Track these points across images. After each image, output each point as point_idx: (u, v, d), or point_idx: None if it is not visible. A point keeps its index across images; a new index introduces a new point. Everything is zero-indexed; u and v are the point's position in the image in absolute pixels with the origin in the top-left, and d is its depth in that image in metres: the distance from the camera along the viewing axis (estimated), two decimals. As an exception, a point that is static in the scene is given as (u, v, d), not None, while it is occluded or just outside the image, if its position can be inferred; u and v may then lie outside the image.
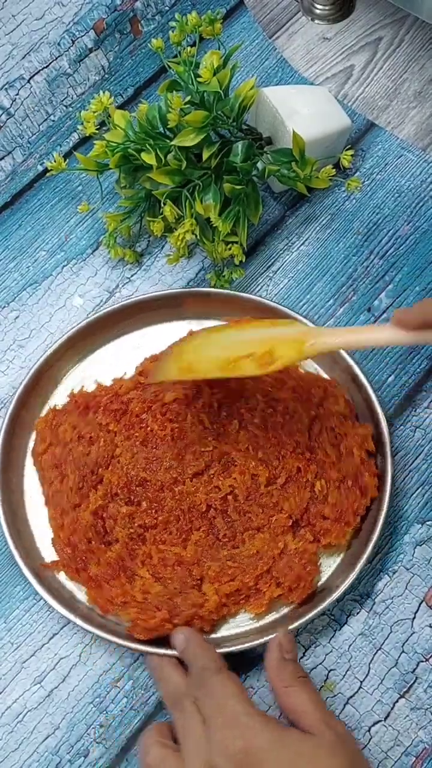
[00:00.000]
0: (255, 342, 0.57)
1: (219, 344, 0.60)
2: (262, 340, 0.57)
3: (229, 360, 0.57)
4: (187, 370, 0.59)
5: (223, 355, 0.58)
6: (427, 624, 0.62)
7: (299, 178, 0.70)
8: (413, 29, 0.85)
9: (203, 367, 0.59)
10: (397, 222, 0.76)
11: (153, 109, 0.69)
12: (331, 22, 0.86)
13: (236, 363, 0.57)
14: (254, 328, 0.60)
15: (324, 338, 0.56)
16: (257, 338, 0.58)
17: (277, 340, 0.57)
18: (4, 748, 0.60)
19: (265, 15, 0.87)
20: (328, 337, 0.56)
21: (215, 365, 0.58)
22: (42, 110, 0.79)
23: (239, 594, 0.61)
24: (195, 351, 0.61)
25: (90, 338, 0.70)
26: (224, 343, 0.60)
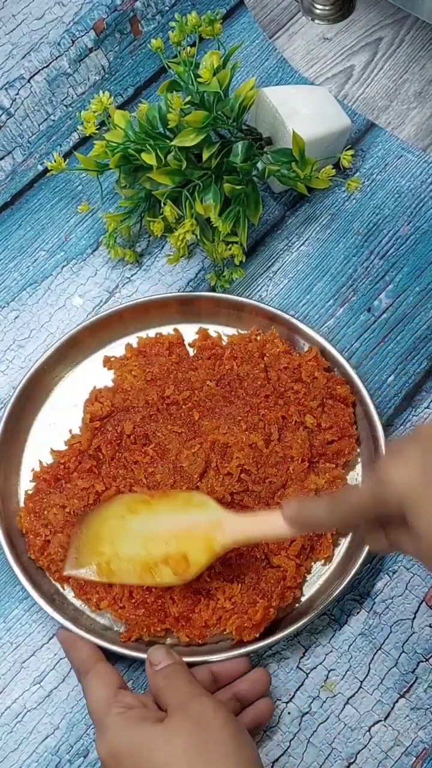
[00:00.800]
0: (168, 538, 0.59)
1: (136, 538, 0.60)
2: (174, 535, 0.59)
3: (147, 565, 0.59)
4: (107, 572, 0.60)
5: (141, 558, 0.59)
6: (427, 624, 0.62)
7: (299, 179, 0.70)
8: (413, 29, 0.85)
9: (123, 571, 0.59)
10: (397, 222, 0.76)
11: (153, 109, 0.69)
12: (331, 23, 0.86)
13: (154, 570, 0.58)
14: (166, 510, 0.60)
15: (230, 534, 0.58)
16: (169, 532, 0.59)
17: (188, 540, 0.58)
18: (4, 748, 0.60)
19: (265, 15, 0.87)
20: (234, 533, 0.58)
21: (134, 572, 0.59)
22: (42, 110, 0.79)
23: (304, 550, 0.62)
24: (112, 544, 0.60)
25: (87, 342, 0.70)
26: (140, 534, 0.60)
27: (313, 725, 0.60)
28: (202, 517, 0.59)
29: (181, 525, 0.59)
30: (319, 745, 0.59)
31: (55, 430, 0.67)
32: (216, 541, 0.58)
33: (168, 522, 0.60)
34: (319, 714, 0.60)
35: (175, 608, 0.60)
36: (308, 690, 0.61)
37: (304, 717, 0.60)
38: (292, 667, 0.61)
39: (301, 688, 0.61)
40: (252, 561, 0.62)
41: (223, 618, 0.60)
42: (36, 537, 0.62)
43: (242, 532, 0.58)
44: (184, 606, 0.60)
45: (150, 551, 0.59)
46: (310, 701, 0.60)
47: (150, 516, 0.61)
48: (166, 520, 0.60)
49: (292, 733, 0.59)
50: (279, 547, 0.62)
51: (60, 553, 0.61)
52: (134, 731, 0.50)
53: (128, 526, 0.61)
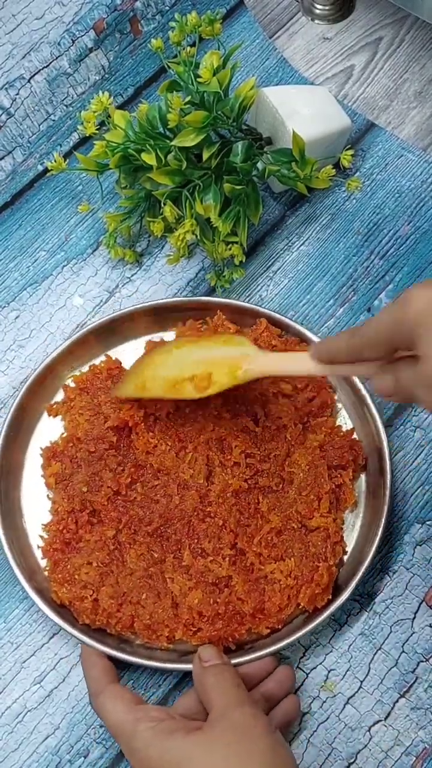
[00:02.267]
0: (200, 363, 0.62)
1: (173, 364, 0.64)
2: (206, 361, 0.62)
3: (174, 381, 0.62)
4: (141, 389, 0.64)
5: (171, 376, 0.63)
6: (427, 624, 0.62)
7: (299, 178, 0.70)
8: (414, 29, 0.85)
9: (153, 387, 0.63)
10: (398, 222, 0.76)
11: (153, 109, 0.69)
12: (331, 22, 0.86)
13: (179, 385, 0.62)
14: (206, 346, 0.64)
15: (257, 365, 0.60)
16: (203, 359, 0.63)
17: (217, 365, 0.62)
18: (4, 748, 0.60)
19: (265, 15, 0.87)
20: (261, 364, 0.60)
21: (162, 386, 0.63)
22: (42, 110, 0.79)
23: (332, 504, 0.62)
24: (152, 368, 0.64)
25: (93, 342, 0.70)
26: (178, 362, 0.63)
27: (313, 725, 0.60)
28: (236, 350, 0.62)
29: (216, 354, 0.62)
30: (319, 745, 0.59)
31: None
32: (240, 369, 0.60)
33: (206, 351, 0.63)
34: (319, 714, 0.60)
35: (247, 606, 0.60)
36: (308, 690, 0.61)
37: (304, 717, 0.60)
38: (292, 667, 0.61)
39: (301, 688, 0.61)
40: (292, 533, 0.62)
41: (292, 595, 0.60)
42: (82, 602, 0.60)
43: (269, 365, 0.61)
44: (253, 600, 0.60)
45: (181, 371, 0.62)
46: (310, 701, 0.60)
47: (191, 348, 0.64)
48: (203, 350, 0.63)
49: (292, 733, 0.59)
50: (311, 511, 0.62)
51: (113, 605, 0.60)
52: (169, 743, 0.50)
53: (170, 357, 0.64)
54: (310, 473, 0.63)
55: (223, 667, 0.55)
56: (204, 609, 0.59)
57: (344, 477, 0.64)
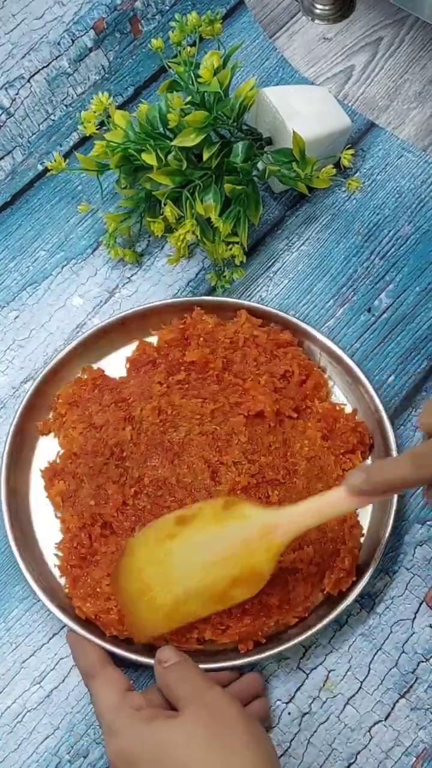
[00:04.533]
0: (227, 562, 0.56)
1: (188, 574, 0.56)
2: (232, 555, 0.56)
3: (215, 594, 0.56)
4: (177, 617, 0.57)
5: (208, 591, 0.56)
6: (427, 624, 0.62)
7: (300, 178, 0.70)
8: (414, 29, 0.85)
9: (194, 610, 0.57)
10: (398, 222, 0.76)
11: (153, 109, 0.69)
12: (331, 22, 0.86)
13: (226, 595, 0.56)
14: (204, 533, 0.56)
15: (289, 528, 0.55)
16: (224, 554, 0.56)
17: (247, 553, 0.55)
18: (4, 749, 0.60)
19: (265, 15, 0.87)
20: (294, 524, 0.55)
21: (206, 604, 0.56)
22: (42, 110, 0.79)
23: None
24: (166, 591, 0.56)
25: (100, 342, 0.69)
26: (192, 570, 0.56)
27: (314, 725, 0.60)
28: (248, 528, 0.56)
29: (232, 544, 0.56)
30: (319, 745, 0.59)
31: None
32: (276, 544, 0.55)
33: (214, 545, 0.56)
34: (319, 714, 0.60)
35: (273, 598, 0.59)
36: (308, 690, 0.61)
37: (304, 717, 0.60)
38: (292, 668, 0.61)
39: (301, 689, 0.61)
40: None
41: (316, 582, 0.60)
42: (108, 614, 0.59)
43: (300, 523, 0.55)
44: (279, 592, 0.59)
45: (212, 581, 0.56)
46: (310, 701, 0.60)
47: (188, 547, 0.57)
48: (209, 544, 0.56)
49: (292, 733, 0.59)
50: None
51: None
52: (146, 731, 0.50)
53: (172, 565, 0.57)
54: (314, 464, 0.63)
55: (183, 663, 0.55)
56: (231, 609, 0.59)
57: (354, 460, 0.64)
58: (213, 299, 0.71)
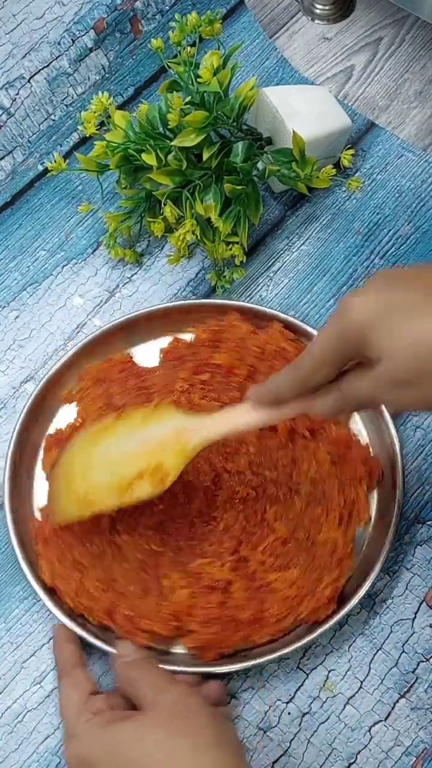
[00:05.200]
0: (140, 455, 0.58)
1: (105, 463, 0.59)
2: (143, 451, 0.58)
3: (122, 485, 0.57)
4: (85, 505, 0.59)
5: (116, 480, 0.58)
6: (427, 624, 0.62)
7: (300, 178, 0.70)
8: (414, 29, 0.85)
9: (101, 498, 0.58)
10: (398, 222, 0.76)
11: (153, 109, 0.69)
12: (331, 22, 0.86)
13: (132, 487, 0.57)
14: (130, 429, 0.59)
15: (201, 435, 0.57)
16: (137, 450, 0.58)
17: (158, 451, 0.57)
18: (4, 749, 0.60)
19: (265, 15, 0.87)
20: (205, 432, 0.57)
21: (112, 494, 0.58)
22: (42, 110, 0.79)
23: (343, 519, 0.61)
24: (84, 477, 0.59)
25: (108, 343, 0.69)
26: (109, 460, 0.59)
27: (314, 725, 0.60)
28: (166, 427, 0.58)
29: (149, 441, 0.58)
30: (319, 745, 0.59)
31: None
32: (187, 445, 0.57)
33: (134, 441, 0.58)
34: (319, 714, 0.60)
35: (245, 614, 0.59)
36: (308, 690, 0.61)
37: (304, 717, 0.60)
38: (292, 668, 0.61)
39: (301, 688, 0.61)
40: (298, 544, 0.61)
41: (294, 606, 0.59)
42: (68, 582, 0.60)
43: (211, 429, 0.57)
44: (252, 608, 0.59)
45: (123, 472, 0.58)
46: (310, 701, 0.60)
47: (114, 440, 0.59)
48: (131, 439, 0.59)
49: (292, 733, 0.59)
50: (318, 524, 0.61)
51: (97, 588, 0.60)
52: (103, 734, 0.50)
53: (95, 456, 0.59)
54: (317, 487, 0.62)
55: (144, 661, 0.55)
56: (196, 610, 0.59)
57: (359, 491, 0.63)
58: (215, 302, 0.70)
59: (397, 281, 0.46)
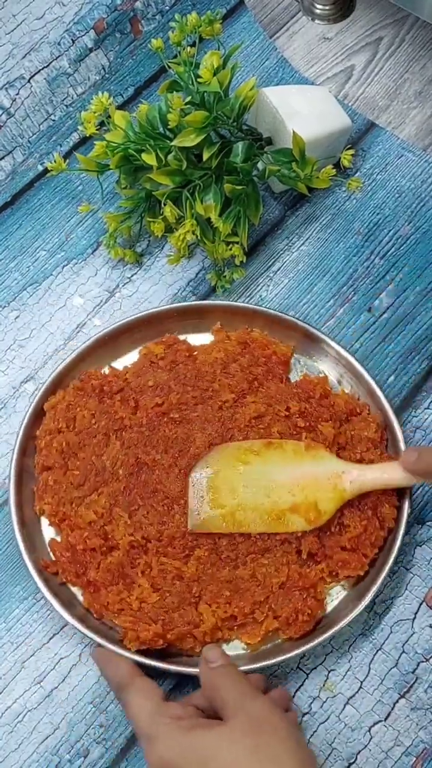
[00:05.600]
0: (293, 488, 0.61)
1: (256, 486, 0.62)
2: (299, 485, 0.61)
3: (273, 513, 0.61)
4: (231, 521, 0.61)
5: (267, 506, 0.61)
6: (427, 624, 0.62)
7: (300, 178, 0.70)
8: (414, 29, 0.85)
9: (250, 520, 0.61)
10: (398, 222, 0.76)
11: (153, 109, 0.69)
12: (331, 22, 0.86)
13: (283, 518, 0.61)
14: (281, 458, 0.62)
15: (357, 482, 0.61)
16: (292, 482, 0.62)
17: (315, 488, 0.61)
18: (4, 748, 0.60)
19: (265, 15, 0.87)
20: (361, 480, 0.61)
21: (262, 520, 0.61)
22: (42, 110, 0.79)
23: (234, 620, 0.60)
24: (233, 493, 0.62)
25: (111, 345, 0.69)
26: (260, 484, 0.62)
27: (314, 725, 0.60)
28: (322, 467, 0.62)
29: (303, 476, 0.61)
30: (319, 745, 0.59)
31: None
32: (344, 490, 0.61)
33: (287, 472, 0.62)
34: (319, 714, 0.60)
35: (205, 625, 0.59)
36: (308, 690, 0.61)
37: (305, 717, 0.60)
38: (292, 667, 0.61)
39: (301, 688, 0.61)
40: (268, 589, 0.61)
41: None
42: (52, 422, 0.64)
43: (366, 480, 0.61)
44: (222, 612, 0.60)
45: (275, 500, 0.61)
46: (310, 701, 0.60)
47: (265, 466, 0.62)
48: (284, 470, 0.62)
49: (293, 733, 0.59)
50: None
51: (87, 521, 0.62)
52: (189, 738, 0.50)
53: (246, 476, 0.62)
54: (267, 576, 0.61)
55: (230, 667, 0.55)
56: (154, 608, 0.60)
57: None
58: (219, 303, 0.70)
59: None
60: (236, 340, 0.68)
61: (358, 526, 0.61)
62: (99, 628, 0.60)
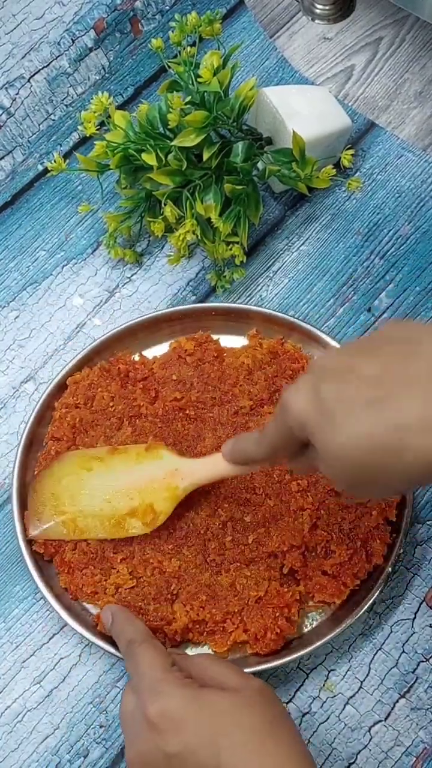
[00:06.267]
0: (131, 492, 0.61)
1: (96, 493, 0.62)
2: (137, 488, 0.61)
3: (113, 519, 0.61)
4: (73, 528, 0.62)
5: (107, 512, 0.61)
6: (427, 624, 0.62)
7: (300, 178, 0.70)
8: (414, 29, 0.85)
9: (90, 527, 0.61)
10: (398, 222, 0.76)
11: (153, 109, 0.69)
12: (331, 22, 0.86)
13: (122, 523, 0.61)
14: (123, 464, 0.62)
15: (190, 478, 0.60)
16: (131, 486, 0.62)
17: (150, 490, 0.61)
18: (4, 748, 0.60)
19: (265, 15, 0.87)
20: (194, 475, 0.60)
21: (103, 525, 0.61)
22: (42, 110, 0.79)
23: (205, 625, 0.60)
24: (72, 501, 0.62)
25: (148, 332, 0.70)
26: (100, 490, 0.62)
27: (314, 725, 0.60)
28: (159, 467, 0.61)
29: (141, 478, 0.62)
30: (319, 745, 0.59)
31: None
32: (177, 487, 0.60)
33: (127, 477, 0.62)
34: (319, 714, 0.60)
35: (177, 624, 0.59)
36: (308, 690, 0.61)
37: (305, 717, 0.60)
38: (292, 667, 0.61)
39: (301, 688, 0.61)
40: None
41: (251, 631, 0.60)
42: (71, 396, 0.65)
43: (198, 474, 0.60)
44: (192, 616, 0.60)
45: (115, 506, 0.61)
46: (310, 701, 0.60)
47: (107, 472, 0.62)
48: (124, 475, 0.62)
49: (293, 733, 0.59)
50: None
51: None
52: (197, 695, 0.49)
53: (86, 482, 0.62)
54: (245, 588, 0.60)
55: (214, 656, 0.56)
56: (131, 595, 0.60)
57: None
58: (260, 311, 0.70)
59: (328, 376, 0.46)
60: (267, 348, 0.68)
61: (343, 554, 0.60)
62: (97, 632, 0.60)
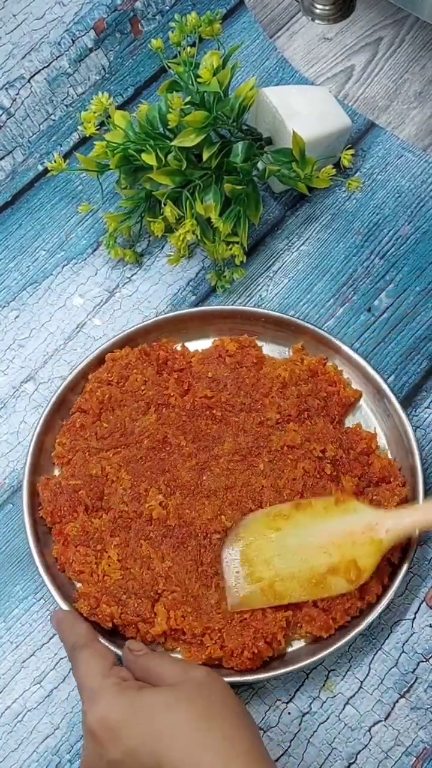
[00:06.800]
0: (328, 548, 0.58)
1: (290, 553, 0.59)
2: (333, 543, 0.59)
3: (313, 579, 0.58)
4: (272, 594, 0.59)
5: (305, 572, 0.58)
6: (427, 624, 0.62)
7: (300, 178, 0.70)
8: (414, 29, 0.85)
9: (291, 590, 0.59)
10: (398, 222, 0.76)
11: (153, 109, 0.69)
12: (331, 22, 0.86)
13: (323, 582, 0.58)
14: (312, 519, 0.60)
15: (395, 530, 0.58)
16: (326, 541, 0.59)
17: (350, 544, 0.58)
18: (4, 748, 0.60)
19: (265, 15, 0.87)
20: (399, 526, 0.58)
21: (302, 588, 0.58)
22: (42, 110, 0.79)
23: (183, 634, 0.59)
24: (268, 564, 0.59)
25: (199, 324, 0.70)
26: (294, 550, 0.59)
27: (314, 725, 0.60)
28: (355, 520, 0.59)
29: (336, 533, 0.59)
30: (319, 745, 0.59)
31: None
32: (381, 541, 0.58)
33: (320, 532, 0.59)
34: (319, 714, 0.60)
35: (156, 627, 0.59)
36: (308, 690, 0.61)
37: (304, 717, 0.60)
38: (292, 667, 0.61)
39: (301, 688, 0.61)
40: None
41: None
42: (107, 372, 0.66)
43: (405, 525, 0.58)
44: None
45: (312, 565, 0.58)
46: (310, 701, 0.60)
47: (296, 529, 0.60)
48: (316, 530, 0.59)
49: (292, 733, 0.59)
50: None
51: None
52: (132, 699, 0.49)
53: (277, 543, 0.60)
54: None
55: (157, 653, 0.55)
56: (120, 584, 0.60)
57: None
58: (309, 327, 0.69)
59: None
60: (308, 365, 0.67)
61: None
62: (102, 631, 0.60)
